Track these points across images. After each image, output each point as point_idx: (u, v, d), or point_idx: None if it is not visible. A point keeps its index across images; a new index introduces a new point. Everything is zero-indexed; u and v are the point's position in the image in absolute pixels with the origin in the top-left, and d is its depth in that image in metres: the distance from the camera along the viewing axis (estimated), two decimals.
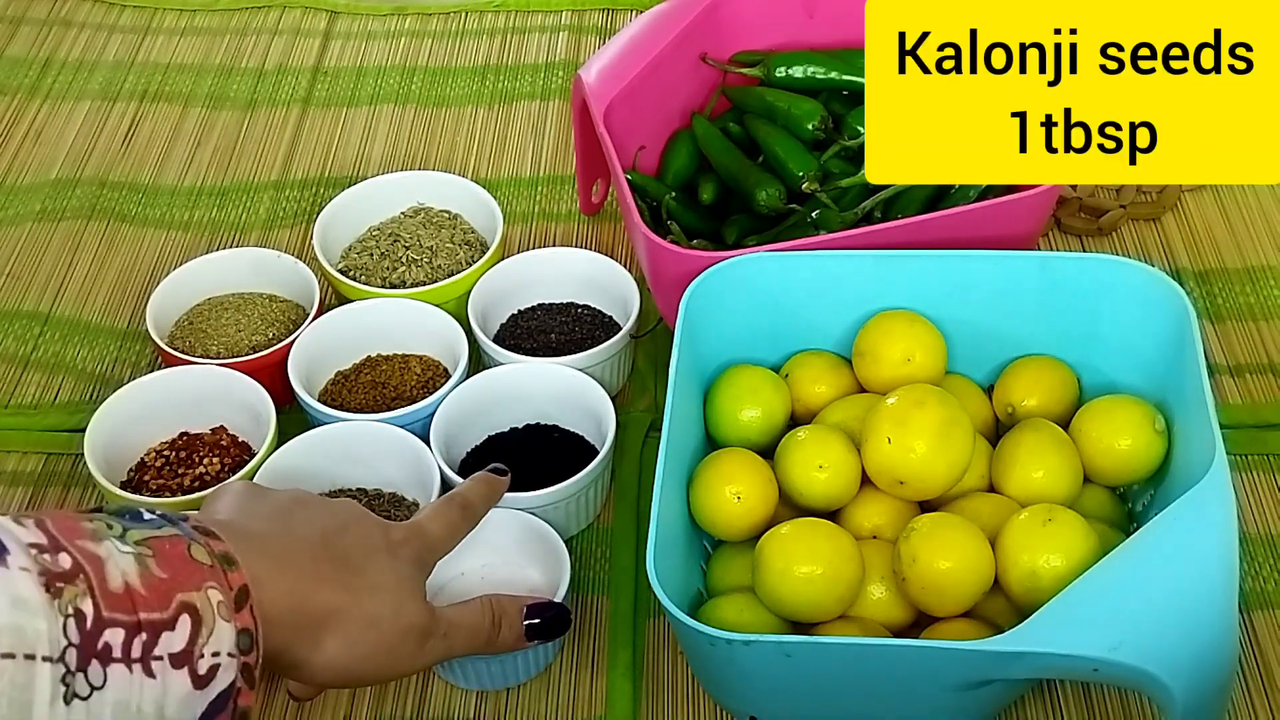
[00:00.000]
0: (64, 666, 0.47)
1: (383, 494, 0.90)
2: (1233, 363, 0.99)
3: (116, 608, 0.49)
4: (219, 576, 0.53)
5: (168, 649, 0.50)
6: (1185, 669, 0.66)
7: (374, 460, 0.90)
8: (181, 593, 0.51)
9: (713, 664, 0.75)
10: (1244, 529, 0.88)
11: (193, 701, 0.51)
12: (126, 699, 0.49)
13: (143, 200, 1.16)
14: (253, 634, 0.54)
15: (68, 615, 0.48)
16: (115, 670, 0.49)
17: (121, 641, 0.49)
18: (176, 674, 0.50)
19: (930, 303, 0.87)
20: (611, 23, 1.31)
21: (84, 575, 0.49)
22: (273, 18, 1.34)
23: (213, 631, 0.52)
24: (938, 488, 0.79)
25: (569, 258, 1.02)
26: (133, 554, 0.51)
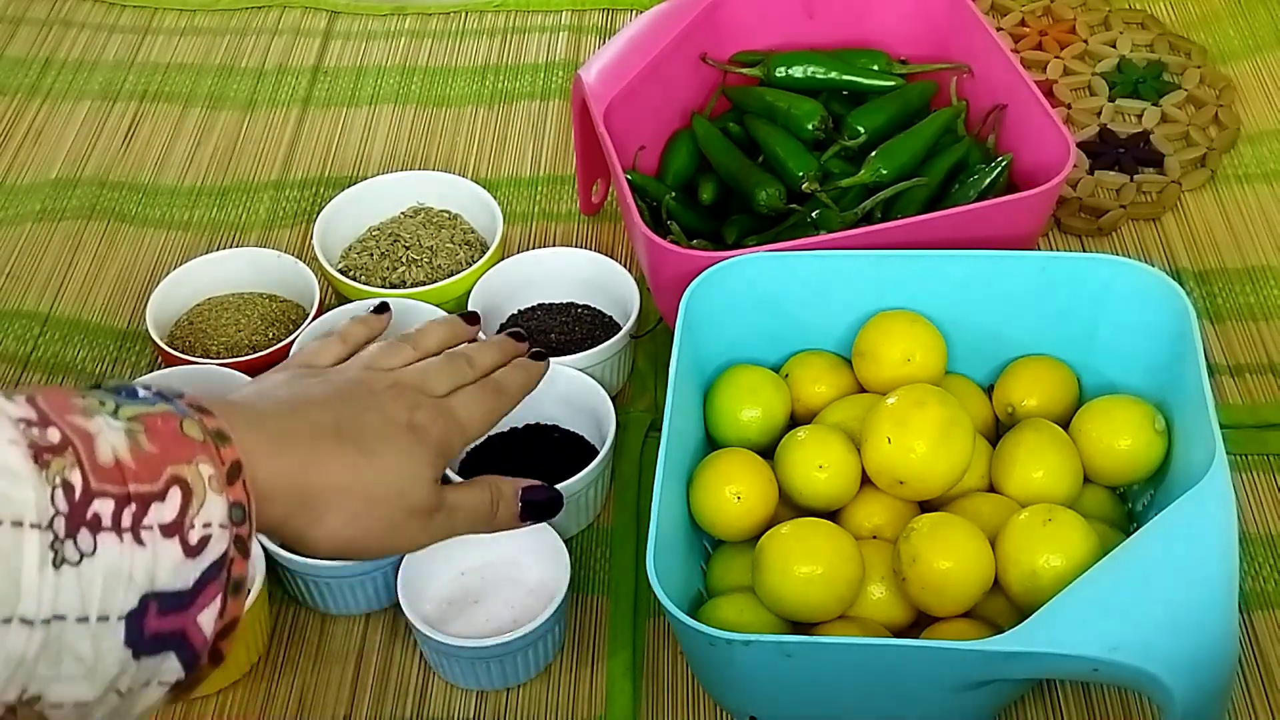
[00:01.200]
0: (52, 534, 0.48)
1: None
2: (1233, 363, 0.99)
3: (106, 479, 0.50)
4: (210, 451, 0.54)
5: (158, 519, 0.51)
6: (1185, 669, 0.66)
7: None
8: (171, 465, 0.52)
9: (713, 664, 0.75)
10: (1244, 529, 0.88)
11: (184, 570, 0.52)
12: (117, 566, 0.50)
13: (143, 200, 1.16)
14: (245, 507, 0.54)
15: (55, 486, 0.48)
16: (105, 538, 0.49)
17: (111, 511, 0.50)
18: (167, 542, 0.51)
19: (930, 303, 0.87)
20: (611, 23, 1.31)
21: (73, 449, 0.49)
22: (273, 18, 1.34)
23: (204, 503, 0.53)
24: (938, 488, 0.79)
25: (569, 258, 1.02)
26: (123, 429, 0.52)
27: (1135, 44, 1.24)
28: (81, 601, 0.49)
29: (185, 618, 0.52)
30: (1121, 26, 1.26)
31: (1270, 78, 1.21)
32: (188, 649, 0.53)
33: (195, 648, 0.53)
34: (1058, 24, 1.26)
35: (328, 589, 0.85)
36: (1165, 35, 1.24)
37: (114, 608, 0.50)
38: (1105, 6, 1.28)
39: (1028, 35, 1.25)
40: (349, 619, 0.87)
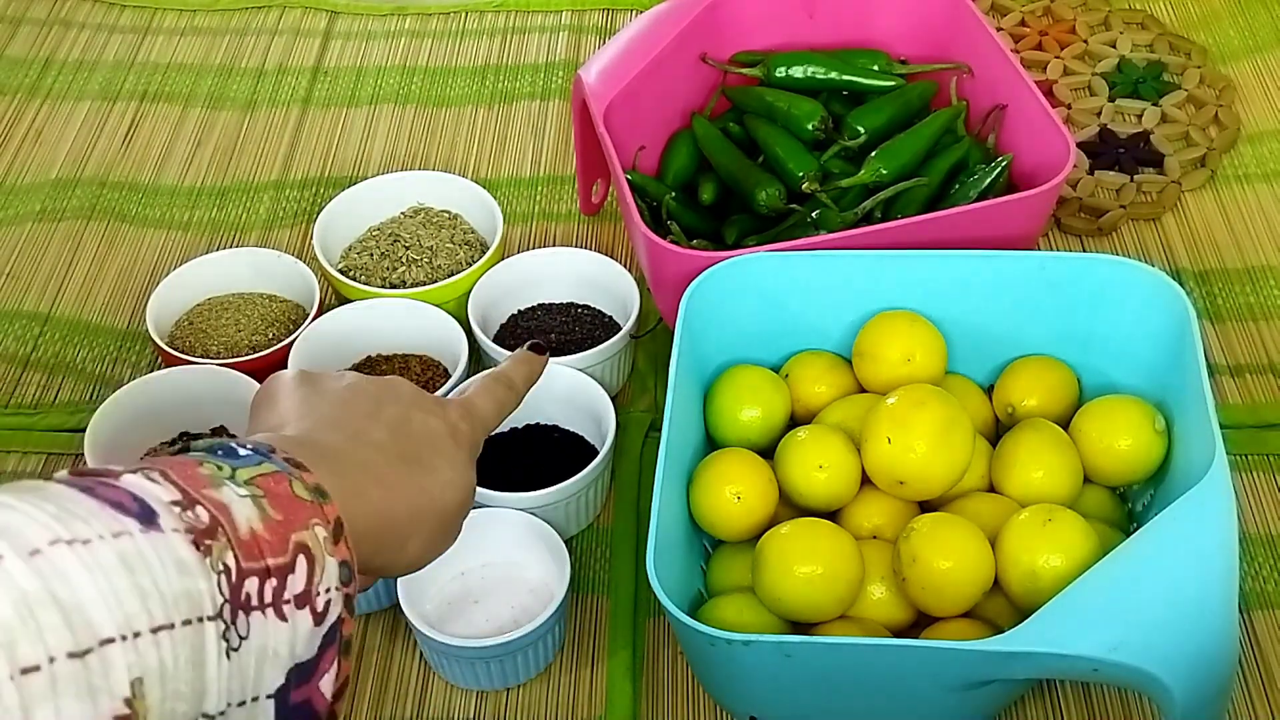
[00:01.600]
0: (223, 623, 0.47)
1: None
2: (1233, 363, 0.99)
3: (250, 557, 0.49)
4: (319, 512, 0.53)
5: (293, 591, 0.51)
6: (1185, 669, 0.66)
7: None
8: (294, 533, 0.51)
9: (713, 664, 0.75)
10: (1244, 529, 0.88)
11: (313, 638, 0.51)
12: (264, 644, 0.49)
13: (143, 200, 1.16)
14: (350, 566, 0.54)
15: (219, 572, 0.48)
16: (255, 618, 0.49)
17: (257, 589, 0.49)
18: (301, 614, 0.51)
19: (930, 303, 0.87)
20: (611, 23, 1.31)
21: (222, 529, 0.49)
22: (273, 18, 1.34)
23: (324, 569, 0.52)
24: (938, 488, 0.79)
25: (569, 258, 1.01)
26: (249, 497, 0.51)
27: (1135, 44, 1.24)
28: (242, 686, 0.48)
29: (310, 687, 0.52)
30: (1121, 26, 1.26)
31: (1270, 78, 1.21)
32: (312, 716, 0.52)
33: (318, 713, 0.52)
34: (1058, 24, 1.26)
35: None
36: (1165, 35, 1.24)
37: (265, 687, 0.49)
38: (1105, 6, 1.28)
39: (1028, 35, 1.25)
40: None
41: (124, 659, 0.43)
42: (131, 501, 0.47)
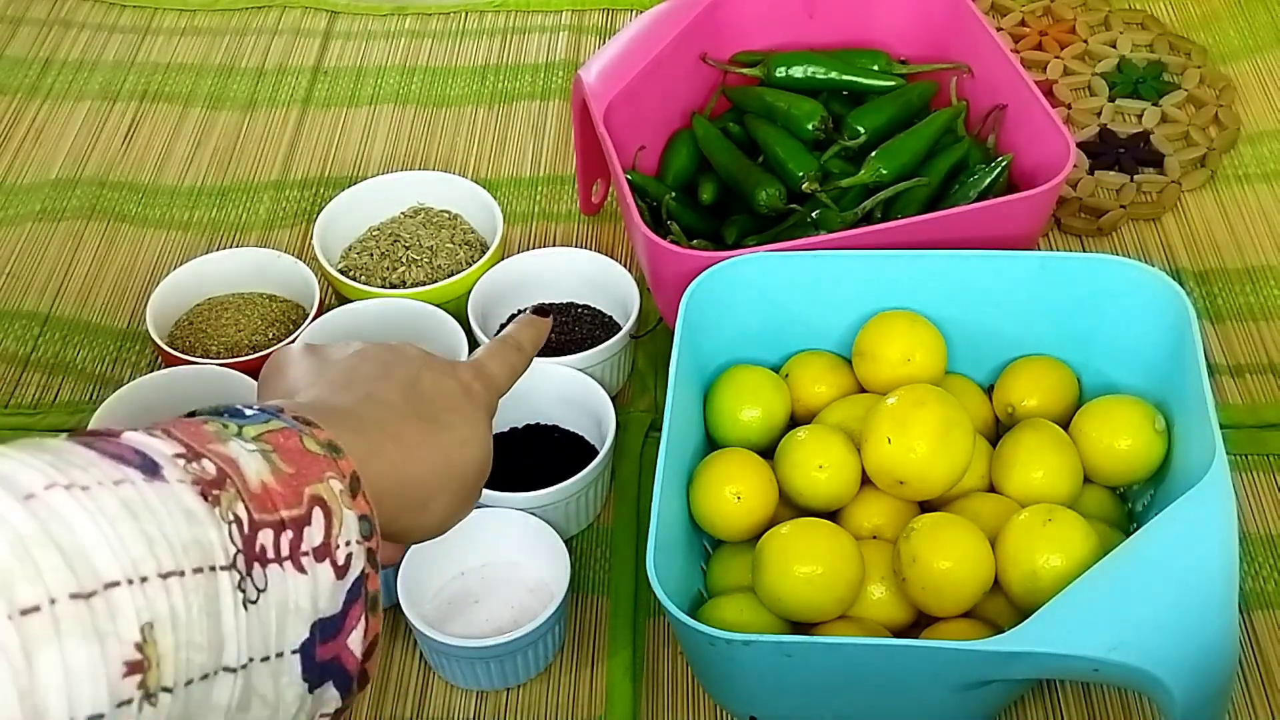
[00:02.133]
0: (237, 573, 0.46)
1: None
2: (1233, 363, 0.99)
3: (262, 509, 0.48)
4: (333, 465, 0.52)
5: (310, 544, 0.49)
6: (1185, 669, 0.66)
7: None
8: (308, 486, 0.50)
9: (713, 664, 0.75)
10: (1244, 529, 0.88)
11: (336, 592, 0.50)
12: (285, 597, 0.48)
13: (143, 200, 1.16)
14: (370, 519, 0.53)
15: (229, 522, 0.47)
16: (273, 571, 0.48)
17: (273, 542, 0.48)
18: (321, 567, 0.50)
19: (930, 303, 0.87)
20: (611, 23, 1.31)
21: (230, 480, 0.48)
22: (273, 18, 1.34)
23: (343, 521, 0.51)
24: (938, 488, 0.79)
25: (569, 258, 1.01)
26: (258, 451, 0.50)
27: (1135, 44, 1.24)
28: (264, 640, 0.47)
29: (338, 643, 0.51)
30: (1121, 27, 1.26)
31: (1270, 78, 1.21)
32: (344, 674, 0.51)
33: (349, 672, 0.51)
34: (1058, 24, 1.26)
35: None
36: (1165, 35, 1.24)
37: (289, 641, 0.48)
38: (1105, 6, 1.28)
39: (1028, 35, 1.25)
40: None
41: (132, 603, 0.42)
42: (133, 454, 0.46)
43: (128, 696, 0.41)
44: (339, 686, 0.51)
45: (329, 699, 0.51)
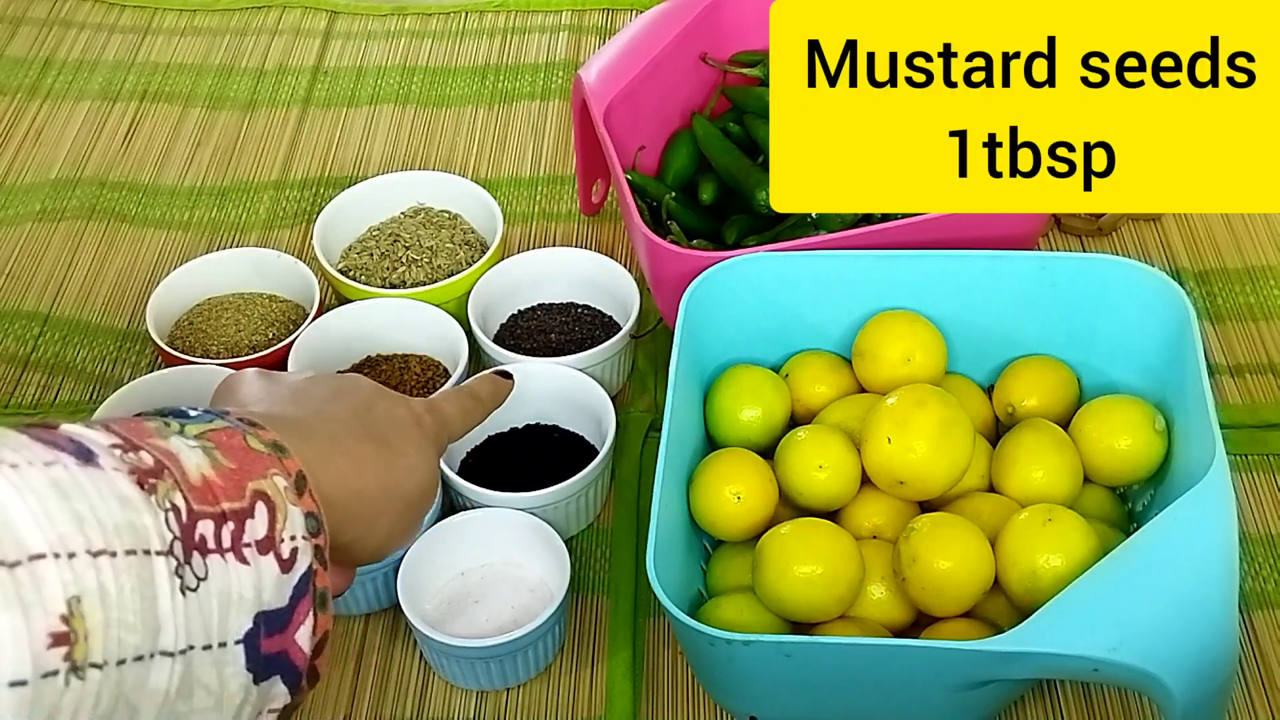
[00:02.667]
0: (174, 559, 0.46)
1: None
2: (1233, 363, 0.99)
3: (202, 500, 0.49)
4: (277, 463, 0.53)
5: (253, 536, 0.50)
6: (1185, 669, 0.66)
7: None
8: (251, 481, 0.51)
9: (713, 664, 0.75)
10: (1244, 529, 0.88)
11: (282, 585, 0.51)
12: (227, 587, 0.48)
13: (143, 200, 1.16)
14: (318, 517, 0.53)
15: (166, 510, 0.47)
16: (213, 560, 0.48)
17: (213, 532, 0.48)
18: (265, 560, 0.50)
19: (930, 303, 0.87)
20: (611, 23, 1.31)
21: (168, 471, 0.48)
22: (273, 18, 1.34)
23: (286, 516, 0.51)
24: (938, 488, 0.79)
25: (569, 258, 1.01)
26: (199, 447, 0.50)
27: None
28: (205, 629, 0.47)
29: (285, 638, 0.51)
30: None
31: None
32: (291, 670, 0.52)
33: (298, 667, 0.52)
34: None
35: None
36: None
37: (231, 632, 0.49)
38: None
39: None
40: (349, 619, 0.87)
41: (58, 576, 0.42)
42: (68, 442, 0.46)
43: (53, 668, 0.41)
44: (287, 682, 0.51)
45: (276, 694, 0.51)
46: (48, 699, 0.41)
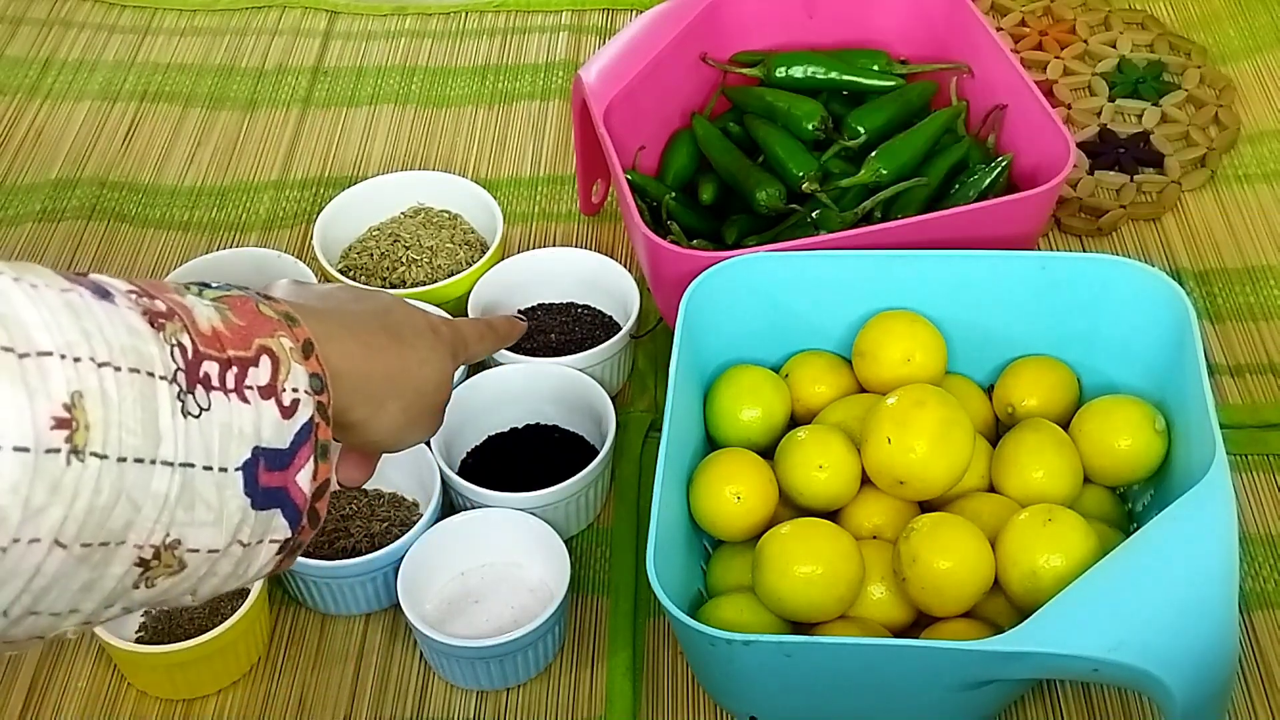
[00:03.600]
0: (177, 386, 0.51)
1: (383, 494, 0.90)
2: (1233, 363, 0.99)
3: (209, 345, 0.53)
4: (285, 328, 0.57)
5: (256, 382, 0.55)
6: (1185, 669, 0.66)
7: None
8: (259, 337, 0.56)
9: (713, 664, 0.75)
10: (1244, 529, 0.88)
11: (282, 429, 0.55)
12: (229, 421, 0.53)
13: (143, 200, 1.16)
14: (322, 378, 0.58)
15: (172, 345, 0.51)
16: (216, 396, 0.53)
17: (217, 373, 0.53)
18: (266, 404, 0.55)
19: (930, 303, 0.87)
20: (611, 23, 1.31)
21: (179, 317, 0.53)
22: (273, 18, 1.34)
23: (290, 370, 0.56)
24: (938, 488, 0.79)
25: (569, 258, 1.02)
26: (212, 306, 0.55)
27: (1135, 44, 1.24)
28: (205, 451, 0.52)
29: (286, 476, 0.56)
30: (1121, 27, 1.26)
31: (1270, 78, 1.21)
32: (291, 506, 0.56)
33: (297, 505, 0.57)
34: (1058, 24, 1.26)
35: (328, 589, 0.85)
36: (1165, 35, 1.24)
37: (230, 459, 0.53)
38: (1105, 6, 1.28)
39: (1028, 35, 1.25)
40: (349, 619, 0.87)
41: (62, 372, 0.46)
42: (89, 281, 0.51)
43: (55, 445, 0.45)
44: (287, 516, 0.56)
45: (277, 526, 0.56)
46: (49, 474, 0.45)
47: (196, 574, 0.54)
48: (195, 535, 0.52)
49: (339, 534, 0.87)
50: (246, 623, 0.81)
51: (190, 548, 0.53)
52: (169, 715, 0.83)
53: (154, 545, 0.51)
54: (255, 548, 0.56)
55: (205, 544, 0.53)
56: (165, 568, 0.52)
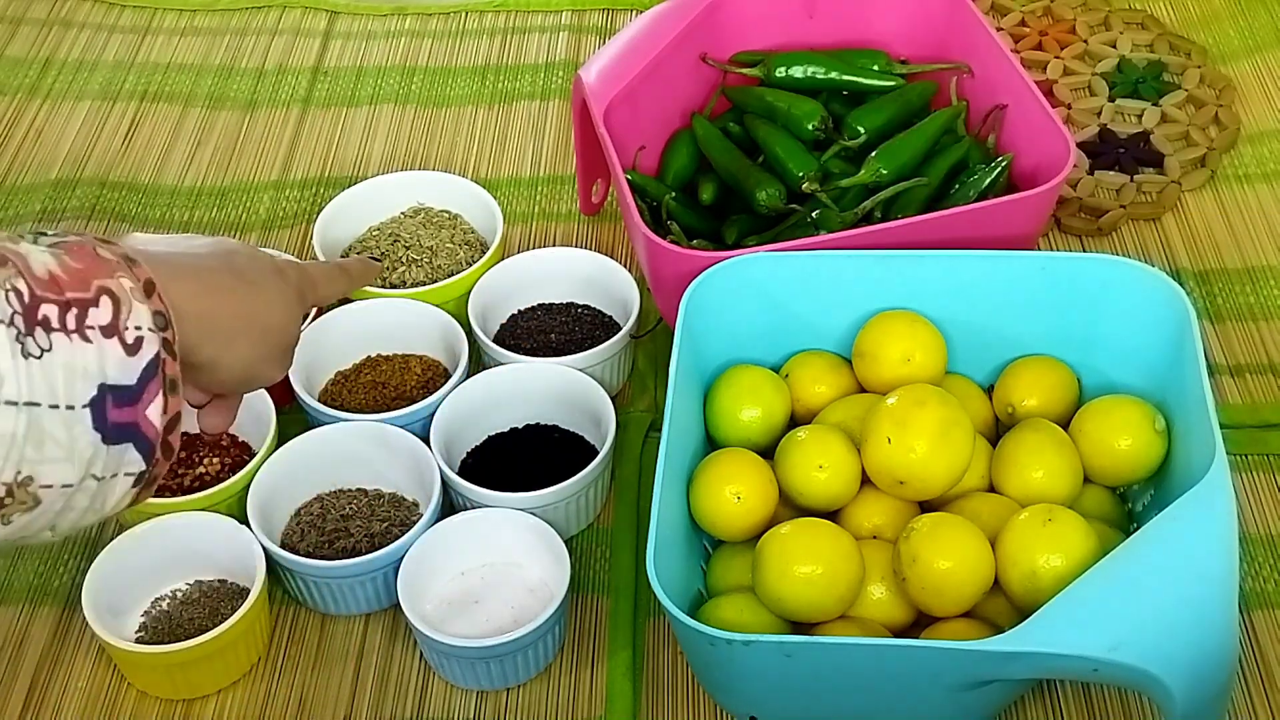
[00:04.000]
0: (15, 329, 0.53)
1: (383, 494, 0.90)
2: (1233, 363, 0.99)
3: (46, 289, 0.55)
4: (125, 269, 0.59)
5: (97, 321, 0.56)
6: (1185, 669, 0.66)
7: (374, 460, 0.90)
8: (97, 279, 0.57)
9: (713, 664, 0.75)
10: (1244, 529, 0.88)
11: (127, 366, 0.57)
12: (71, 360, 0.55)
13: (143, 200, 1.16)
14: (165, 315, 0.60)
15: (6, 290, 0.53)
16: (57, 337, 0.55)
17: (57, 315, 0.55)
18: (109, 342, 0.57)
19: (930, 303, 0.87)
20: (611, 23, 1.31)
21: (11, 263, 0.55)
22: (273, 18, 1.34)
23: (131, 309, 0.58)
24: (938, 488, 0.79)
25: (569, 258, 1.01)
26: (48, 252, 0.57)
27: (1135, 44, 1.24)
28: (50, 390, 0.54)
29: (136, 411, 0.58)
30: (1121, 26, 1.26)
31: (1270, 78, 1.21)
32: (143, 440, 0.59)
33: (149, 439, 0.59)
34: (1058, 24, 1.26)
35: (328, 589, 0.85)
36: (1165, 35, 1.24)
37: (77, 397, 0.55)
38: (1105, 6, 1.28)
39: (1028, 35, 1.25)
40: (349, 619, 0.87)
41: None
42: None
43: None
44: (140, 450, 0.59)
45: (130, 460, 0.59)
46: None
47: (53, 509, 0.56)
48: (48, 471, 0.55)
49: (339, 534, 0.87)
50: (246, 623, 0.81)
51: (43, 484, 0.55)
52: (169, 715, 0.83)
53: (5, 483, 0.53)
54: (110, 481, 0.58)
55: (58, 479, 0.55)
56: (20, 504, 0.54)
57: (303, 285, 0.75)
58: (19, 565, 0.91)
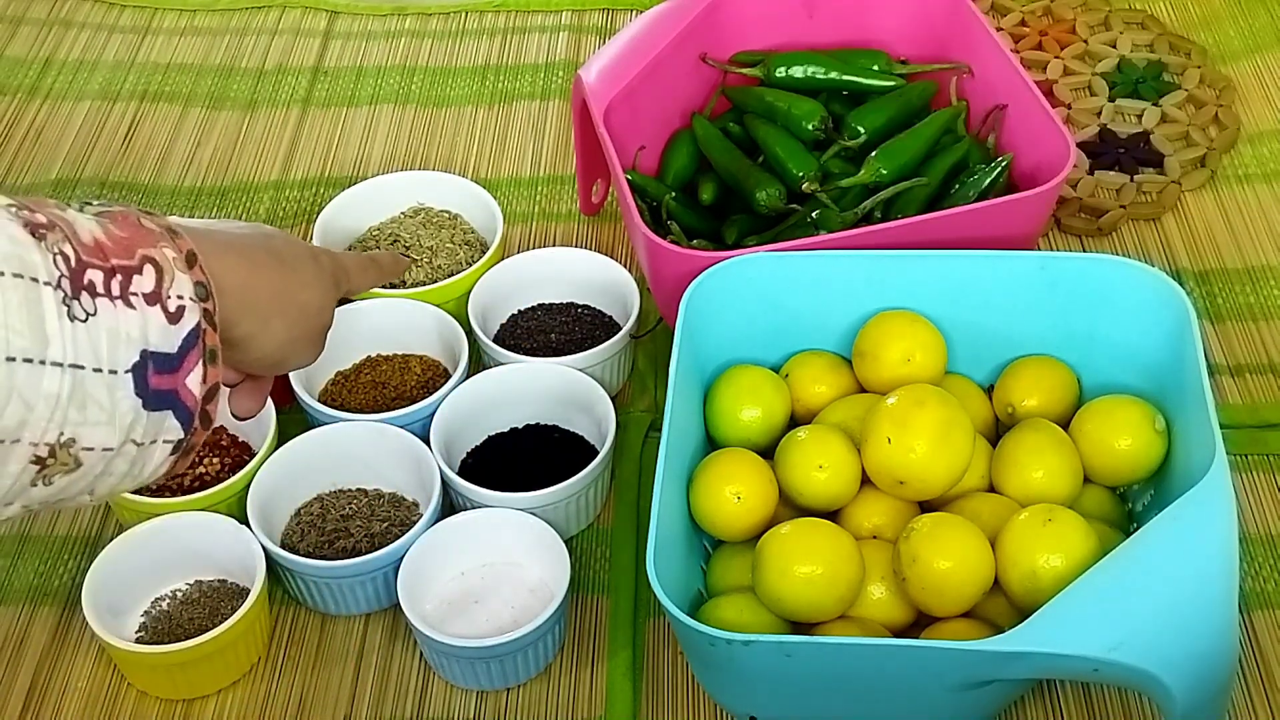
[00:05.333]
0: (62, 292, 0.53)
1: (383, 494, 0.90)
2: (1233, 363, 0.99)
3: (92, 255, 0.56)
4: (168, 240, 0.60)
5: (140, 289, 0.57)
6: (1185, 669, 0.66)
7: (374, 460, 0.90)
8: (141, 248, 0.58)
9: (713, 664, 0.75)
10: (1244, 529, 0.88)
11: (169, 333, 0.58)
12: (115, 326, 0.55)
13: (143, 200, 1.16)
14: (206, 286, 0.60)
15: (55, 254, 0.54)
16: (102, 302, 0.55)
17: (102, 280, 0.55)
18: (152, 309, 0.57)
19: (930, 303, 0.87)
20: (611, 23, 1.31)
21: (59, 228, 0.55)
22: (273, 18, 1.34)
23: (174, 279, 0.59)
24: (938, 488, 0.79)
25: (569, 258, 1.01)
26: (94, 220, 0.58)
27: (1135, 44, 1.24)
28: (94, 354, 0.54)
29: (176, 379, 0.58)
30: (1121, 26, 1.26)
31: (1270, 78, 1.21)
32: (183, 408, 0.59)
33: (188, 407, 0.59)
34: (1058, 24, 1.26)
35: (328, 589, 0.85)
36: (1165, 35, 1.24)
37: (120, 362, 0.56)
38: (1105, 6, 1.28)
39: (1028, 35, 1.25)
40: (349, 619, 0.87)
41: None
42: None
43: None
44: (179, 418, 0.59)
45: (170, 427, 0.59)
46: None
47: (92, 472, 0.56)
48: (89, 434, 0.55)
49: (339, 534, 0.88)
50: (246, 623, 0.81)
51: (85, 446, 0.55)
52: (169, 715, 0.83)
53: (49, 444, 0.54)
54: (149, 448, 0.58)
55: (99, 443, 0.56)
56: (61, 465, 0.55)
57: (337, 272, 0.77)
58: (19, 565, 0.91)
